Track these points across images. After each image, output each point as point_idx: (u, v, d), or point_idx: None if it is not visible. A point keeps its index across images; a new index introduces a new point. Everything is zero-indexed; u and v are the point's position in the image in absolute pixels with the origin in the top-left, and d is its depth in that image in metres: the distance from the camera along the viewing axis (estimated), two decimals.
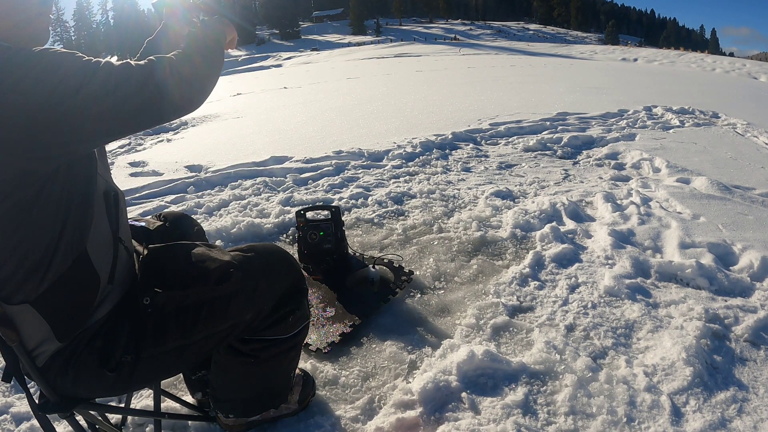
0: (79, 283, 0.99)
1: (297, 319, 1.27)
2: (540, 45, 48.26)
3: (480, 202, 3.24)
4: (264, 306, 1.18)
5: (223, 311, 1.12)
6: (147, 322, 1.07)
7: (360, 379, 1.65)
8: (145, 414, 1.40)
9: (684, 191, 3.31)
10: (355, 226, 2.95)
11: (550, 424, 1.43)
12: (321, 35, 78.95)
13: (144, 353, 1.06)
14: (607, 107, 7.21)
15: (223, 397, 1.35)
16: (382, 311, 2.02)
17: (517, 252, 2.51)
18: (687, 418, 1.44)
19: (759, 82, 18.74)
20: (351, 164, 4.33)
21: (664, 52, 36.11)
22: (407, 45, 50.31)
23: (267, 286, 1.18)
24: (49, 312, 0.96)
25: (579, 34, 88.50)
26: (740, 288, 2.13)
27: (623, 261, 2.31)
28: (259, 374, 1.30)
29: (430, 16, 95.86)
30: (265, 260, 1.21)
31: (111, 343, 1.04)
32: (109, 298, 1.06)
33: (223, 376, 1.32)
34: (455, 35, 67.94)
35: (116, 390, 1.14)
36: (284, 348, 1.28)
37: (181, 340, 1.10)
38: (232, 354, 1.25)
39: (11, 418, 1.55)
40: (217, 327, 1.13)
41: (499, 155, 4.72)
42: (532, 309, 2.02)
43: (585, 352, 1.70)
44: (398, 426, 1.43)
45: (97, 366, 1.03)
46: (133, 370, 1.06)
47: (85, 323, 1.02)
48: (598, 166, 4.36)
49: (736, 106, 8.45)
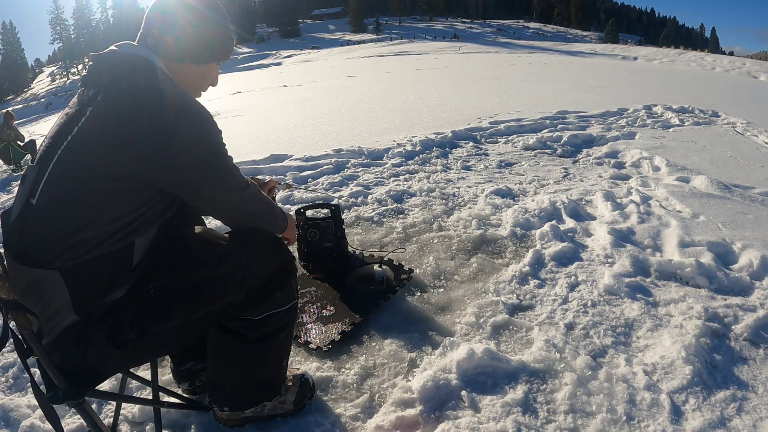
0: (113, 264, 1.11)
1: (284, 295, 1.32)
2: (539, 43, 48.20)
3: (480, 200, 3.24)
4: (255, 284, 1.24)
5: (221, 290, 1.20)
6: (152, 303, 1.15)
7: (360, 377, 1.65)
8: (144, 402, 1.43)
9: (684, 190, 3.32)
10: (355, 224, 2.95)
11: (550, 422, 1.43)
12: (320, 33, 78.83)
13: (147, 331, 1.14)
14: (607, 106, 7.21)
15: (217, 382, 1.39)
16: (382, 309, 2.02)
17: (517, 250, 2.51)
18: (686, 416, 1.44)
19: (759, 81, 18.74)
20: (351, 162, 4.32)
21: (664, 51, 36.07)
22: (407, 43, 50.27)
23: (259, 266, 1.25)
24: (74, 283, 1.07)
25: (579, 32, 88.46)
26: (740, 287, 2.13)
27: (623, 260, 2.31)
28: (251, 357, 1.34)
29: (430, 15, 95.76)
30: (258, 242, 1.28)
31: (119, 320, 1.12)
32: (128, 281, 1.16)
33: (217, 359, 1.36)
34: (455, 33, 67.88)
35: (119, 366, 1.24)
36: (273, 327, 1.32)
37: (183, 318, 1.17)
38: (225, 334, 1.30)
39: (11, 418, 1.55)
40: (215, 305, 1.21)
41: (499, 154, 4.72)
42: (531, 307, 2.02)
43: (585, 351, 1.71)
44: (398, 424, 1.43)
45: (105, 341, 1.11)
46: (136, 346, 1.14)
47: (101, 300, 1.11)
48: (597, 164, 4.36)
49: (736, 104, 8.46)
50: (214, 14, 1.29)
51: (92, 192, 1.07)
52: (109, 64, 1.16)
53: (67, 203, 1.07)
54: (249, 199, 1.27)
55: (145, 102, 1.08)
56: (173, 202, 1.21)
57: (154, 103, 1.08)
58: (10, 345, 1.68)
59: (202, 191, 1.18)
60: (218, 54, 1.32)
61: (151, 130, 1.06)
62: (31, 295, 1.09)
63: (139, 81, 1.12)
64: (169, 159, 1.09)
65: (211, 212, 1.28)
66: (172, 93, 1.12)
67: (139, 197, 1.11)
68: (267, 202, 1.35)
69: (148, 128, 1.06)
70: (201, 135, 1.13)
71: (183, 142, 1.09)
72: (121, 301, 1.14)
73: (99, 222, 1.07)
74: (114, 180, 1.07)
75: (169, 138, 1.08)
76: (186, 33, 1.25)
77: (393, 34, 72.48)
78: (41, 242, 1.08)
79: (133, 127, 1.06)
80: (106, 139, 1.06)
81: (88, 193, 1.07)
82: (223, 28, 1.31)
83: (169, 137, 1.08)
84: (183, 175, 1.13)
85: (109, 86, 1.10)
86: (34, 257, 1.08)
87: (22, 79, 69.54)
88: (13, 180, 7.03)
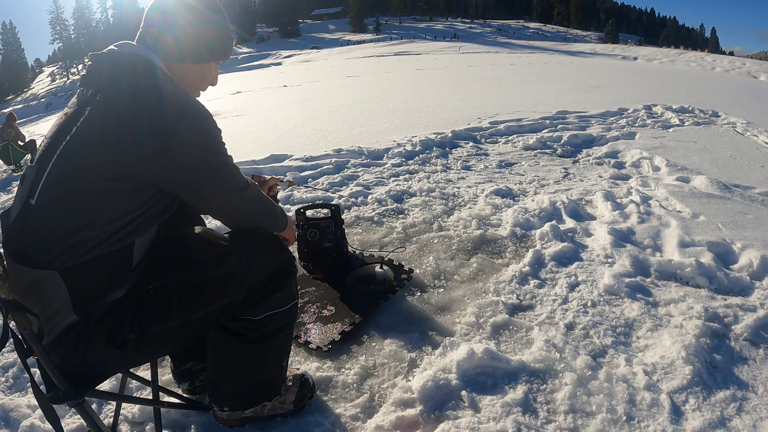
0: (112, 265, 1.11)
1: (284, 296, 1.31)
2: (539, 43, 48.21)
3: (480, 200, 3.24)
4: (255, 284, 1.24)
5: (221, 291, 1.20)
6: (151, 303, 1.15)
7: (360, 377, 1.65)
8: (144, 402, 1.43)
9: (684, 190, 3.32)
10: (355, 224, 2.95)
11: (550, 422, 1.43)
12: (320, 33, 78.84)
13: (147, 332, 1.14)
14: (607, 106, 7.21)
15: (218, 382, 1.38)
16: (382, 309, 2.02)
17: (517, 250, 2.51)
18: (686, 416, 1.44)
19: (759, 81, 18.74)
20: (351, 162, 4.32)
21: (663, 51, 36.07)
22: (407, 43, 50.29)
23: (259, 266, 1.25)
24: (74, 283, 1.07)
25: (579, 32, 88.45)
26: (740, 287, 2.13)
27: (623, 259, 2.31)
28: (251, 357, 1.34)
29: (430, 15, 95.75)
30: (258, 242, 1.28)
31: (119, 320, 1.12)
32: (128, 282, 1.16)
33: (217, 359, 1.37)
34: (455, 33, 67.89)
35: (119, 366, 1.24)
36: (273, 327, 1.32)
37: (183, 318, 1.17)
38: (225, 334, 1.30)
39: (11, 418, 1.55)
40: (215, 305, 1.21)
41: (499, 154, 4.72)
42: (531, 307, 2.02)
43: (585, 351, 1.71)
44: (398, 424, 1.43)
45: (105, 341, 1.11)
46: (136, 346, 1.14)
47: (101, 301, 1.11)
48: (597, 164, 4.36)
49: (736, 104, 8.46)
50: (213, 14, 1.29)
51: (91, 192, 1.07)
52: (109, 63, 1.16)
53: (66, 203, 1.07)
54: (249, 199, 1.27)
55: (145, 102, 1.08)
56: (173, 202, 1.21)
57: (154, 103, 1.08)
58: (10, 345, 1.68)
59: (202, 191, 1.18)
60: (218, 53, 1.32)
61: (151, 130, 1.06)
62: (31, 296, 1.09)
63: (139, 81, 1.12)
64: (169, 159, 1.09)
65: (211, 212, 1.27)
66: (172, 93, 1.12)
67: (139, 197, 1.11)
68: (267, 201, 1.35)
69: (148, 128, 1.06)
70: (201, 135, 1.13)
71: (183, 141, 1.09)
72: (121, 301, 1.14)
73: (98, 222, 1.07)
74: (113, 180, 1.07)
75: (169, 138, 1.08)
76: (186, 33, 1.25)
77: (393, 34, 72.47)
78: (40, 242, 1.08)
79: (133, 126, 1.06)
80: (105, 138, 1.06)
81: (88, 193, 1.07)
82: (222, 28, 1.32)
83: (169, 137, 1.08)
84: (183, 175, 1.12)
85: (108, 86, 1.10)
86: (34, 258, 1.08)
87: (22, 79, 69.55)
88: (13, 180, 7.04)
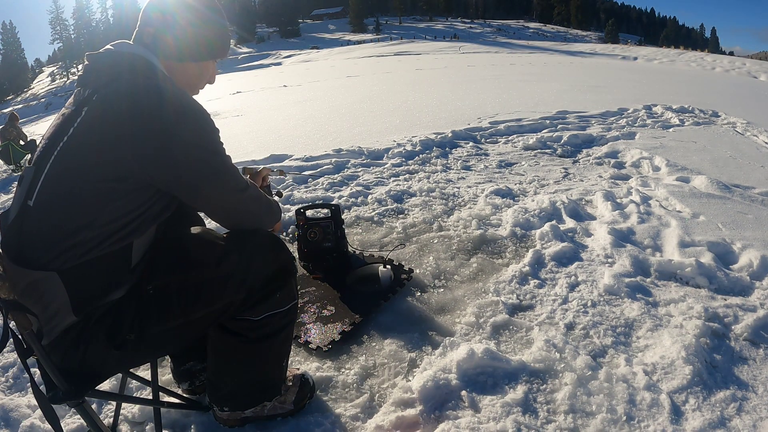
0: (111, 265, 1.11)
1: (284, 296, 1.31)
2: (539, 43, 48.21)
3: (480, 200, 3.24)
4: (255, 284, 1.24)
5: (220, 291, 1.20)
6: (151, 303, 1.15)
7: (360, 377, 1.65)
8: (144, 402, 1.43)
9: (684, 190, 3.32)
10: (355, 224, 2.95)
11: (550, 422, 1.43)
12: (320, 33, 78.83)
13: (147, 332, 1.14)
14: (607, 106, 7.21)
15: (218, 382, 1.38)
16: (382, 309, 2.02)
17: (517, 250, 2.51)
18: (686, 416, 1.44)
19: (759, 81, 18.74)
20: (351, 162, 4.32)
21: (664, 51, 36.07)
22: (407, 43, 50.29)
23: (259, 266, 1.25)
24: (73, 284, 1.07)
25: (579, 32, 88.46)
26: (740, 287, 2.13)
27: (623, 259, 2.31)
28: (251, 357, 1.34)
29: (430, 15, 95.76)
30: (258, 242, 1.28)
31: (118, 321, 1.12)
32: (127, 282, 1.16)
33: (217, 359, 1.37)
34: (455, 33, 67.89)
35: (119, 366, 1.24)
36: (273, 328, 1.32)
37: (183, 318, 1.17)
38: (225, 334, 1.30)
39: (11, 418, 1.55)
40: (215, 305, 1.21)
41: (499, 154, 4.72)
42: (531, 307, 2.02)
43: (585, 351, 1.71)
44: (398, 424, 1.43)
45: (105, 342, 1.11)
46: (135, 347, 1.14)
47: (100, 301, 1.11)
48: (597, 164, 4.36)
49: (736, 104, 8.46)
50: (212, 13, 1.30)
51: (90, 192, 1.06)
52: (107, 63, 1.15)
53: (64, 204, 1.07)
54: (249, 200, 1.27)
55: (144, 102, 1.08)
56: (171, 202, 1.20)
57: (153, 103, 1.08)
58: (10, 345, 1.67)
59: (202, 191, 1.18)
60: (217, 52, 1.33)
61: (150, 130, 1.06)
62: (30, 296, 1.08)
63: (138, 81, 1.12)
64: (168, 159, 1.08)
65: (211, 212, 1.26)
66: (172, 93, 1.12)
67: (138, 197, 1.11)
68: (266, 201, 1.35)
69: (147, 128, 1.06)
70: (200, 135, 1.13)
71: (183, 142, 1.09)
72: (121, 301, 1.13)
73: (97, 222, 1.07)
74: (112, 180, 1.06)
75: (169, 138, 1.07)
76: (186, 32, 1.25)
77: (393, 34, 72.49)
78: (39, 243, 1.08)
79: (132, 127, 1.06)
80: (104, 139, 1.06)
81: (86, 194, 1.06)
82: (221, 27, 1.32)
83: (169, 137, 1.07)
84: (183, 175, 1.12)
85: (107, 86, 1.10)
86: (33, 259, 1.07)
87: (22, 79, 69.54)
88: (13, 180, 7.04)
